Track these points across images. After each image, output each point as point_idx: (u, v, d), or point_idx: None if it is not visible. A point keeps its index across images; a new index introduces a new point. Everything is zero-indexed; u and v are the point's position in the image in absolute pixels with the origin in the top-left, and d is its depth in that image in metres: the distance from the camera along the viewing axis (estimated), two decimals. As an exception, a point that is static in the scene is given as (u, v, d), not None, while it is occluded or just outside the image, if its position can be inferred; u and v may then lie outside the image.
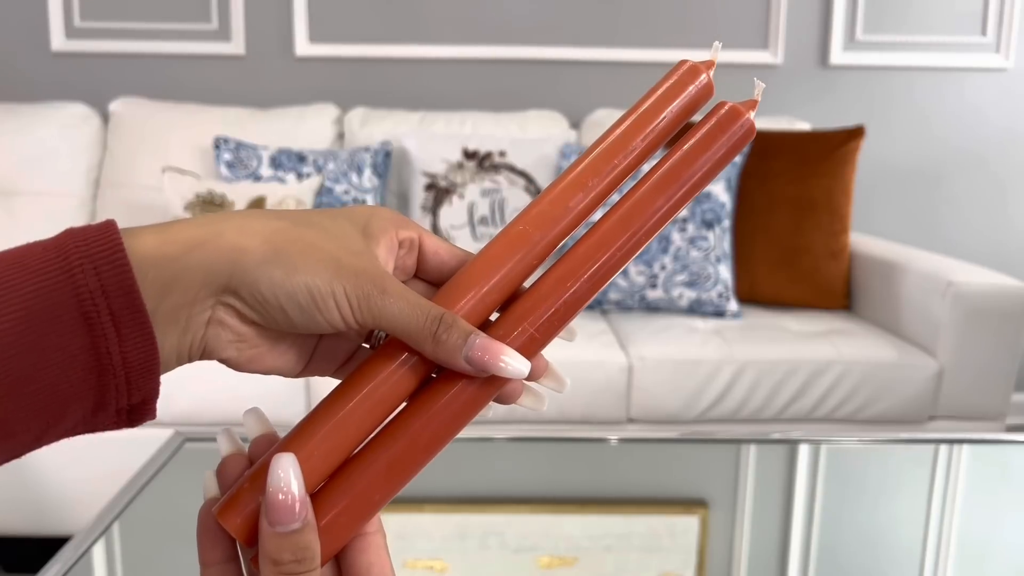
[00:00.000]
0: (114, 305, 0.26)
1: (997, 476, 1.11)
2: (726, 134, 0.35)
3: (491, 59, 2.22)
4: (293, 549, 0.27)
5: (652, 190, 0.33)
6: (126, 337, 0.26)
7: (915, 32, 2.23)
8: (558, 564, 0.86)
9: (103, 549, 0.83)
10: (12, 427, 0.26)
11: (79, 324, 0.26)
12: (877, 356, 1.61)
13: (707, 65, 0.36)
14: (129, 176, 2.00)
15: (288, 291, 0.28)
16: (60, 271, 0.26)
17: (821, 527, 0.94)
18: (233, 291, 0.28)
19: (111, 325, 0.26)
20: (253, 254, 0.28)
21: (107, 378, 0.27)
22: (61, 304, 0.26)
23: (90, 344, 0.26)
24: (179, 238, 0.28)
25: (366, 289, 0.29)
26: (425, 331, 0.29)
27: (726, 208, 1.79)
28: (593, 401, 1.57)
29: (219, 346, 0.29)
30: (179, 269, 0.27)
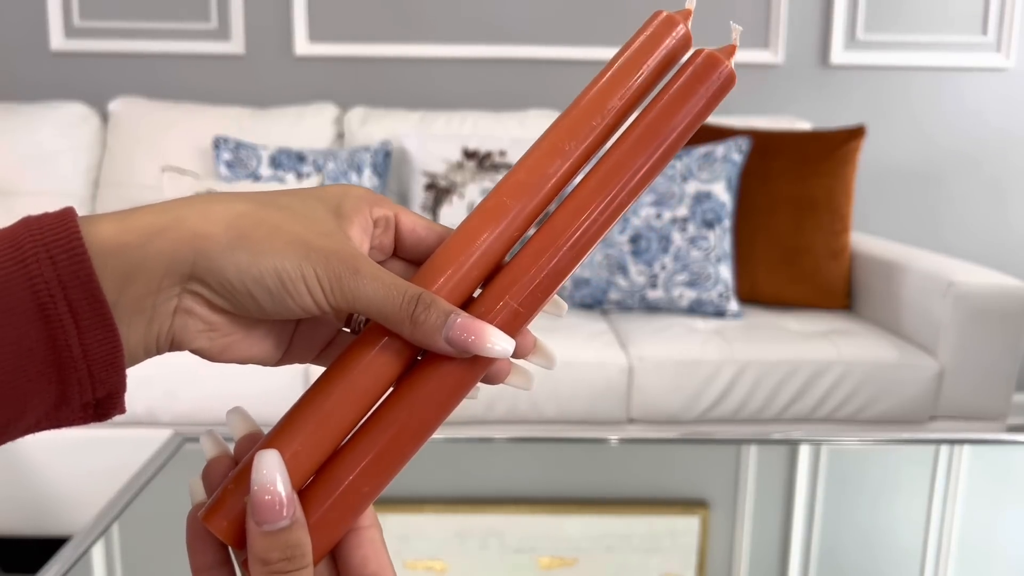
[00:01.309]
0: (72, 296, 0.25)
1: (998, 476, 1.11)
2: (704, 84, 0.32)
3: (491, 59, 2.22)
4: (282, 548, 0.26)
5: (630, 149, 0.31)
6: (86, 329, 0.25)
7: (916, 32, 2.23)
8: (558, 564, 0.86)
9: (103, 549, 0.83)
10: None
11: (35, 316, 0.25)
12: (878, 356, 1.61)
13: (684, 15, 0.34)
14: (128, 176, 2.00)
15: (255, 276, 0.27)
16: (13, 261, 0.25)
17: (822, 527, 0.94)
18: (199, 279, 0.27)
19: (69, 317, 0.25)
20: (217, 240, 0.27)
21: (68, 372, 0.25)
22: (14, 296, 0.24)
23: (47, 336, 0.25)
24: (139, 225, 0.27)
25: (337, 270, 0.28)
26: (402, 312, 0.28)
27: (726, 208, 1.79)
28: (593, 401, 1.57)
29: (188, 336, 0.28)
30: (140, 258, 0.26)
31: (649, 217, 1.78)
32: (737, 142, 1.81)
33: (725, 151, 1.80)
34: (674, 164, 1.81)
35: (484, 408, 1.56)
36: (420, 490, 0.96)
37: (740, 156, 1.81)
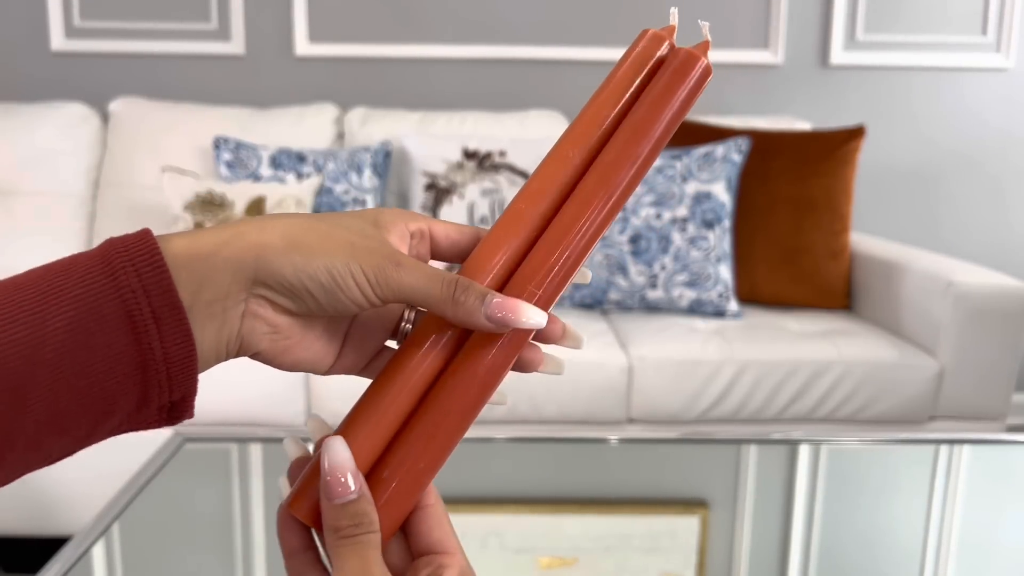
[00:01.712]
0: (154, 303, 0.28)
1: (998, 476, 1.11)
2: (684, 80, 0.36)
3: (491, 59, 2.22)
4: (350, 516, 0.30)
5: (624, 145, 0.35)
6: (166, 333, 0.28)
7: (915, 32, 2.23)
8: (558, 564, 0.86)
9: (103, 549, 0.83)
10: (66, 423, 0.28)
11: (124, 322, 0.28)
12: (878, 356, 1.61)
13: (669, 31, 0.38)
14: (129, 176, 2.00)
15: (309, 274, 0.30)
16: (104, 275, 0.28)
17: (821, 527, 0.94)
18: (261, 282, 0.30)
19: (152, 322, 0.28)
20: (274, 246, 0.30)
21: (150, 374, 0.28)
22: (107, 304, 0.28)
23: (134, 340, 0.28)
24: (206, 240, 0.30)
25: (381, 264, 0.31)
26: (444, 295, 0.32)
27: (726, 208, 1.79)
28: (593, 401, 1.57)
29: (255, 339, 0.32)
30: (209, 267, 0.30)
31: (649, 217, 1.78)
32: (737, 142, 1.82)
33: (725, 151, 1.80)
34: (674, 164, 1.81)
35: (485, 408, 1.55)
36: (420, 490, 0.96)
37: (740, 156, 1.81)
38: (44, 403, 0.27)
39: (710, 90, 2.27)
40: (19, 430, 0.27)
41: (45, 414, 0.27)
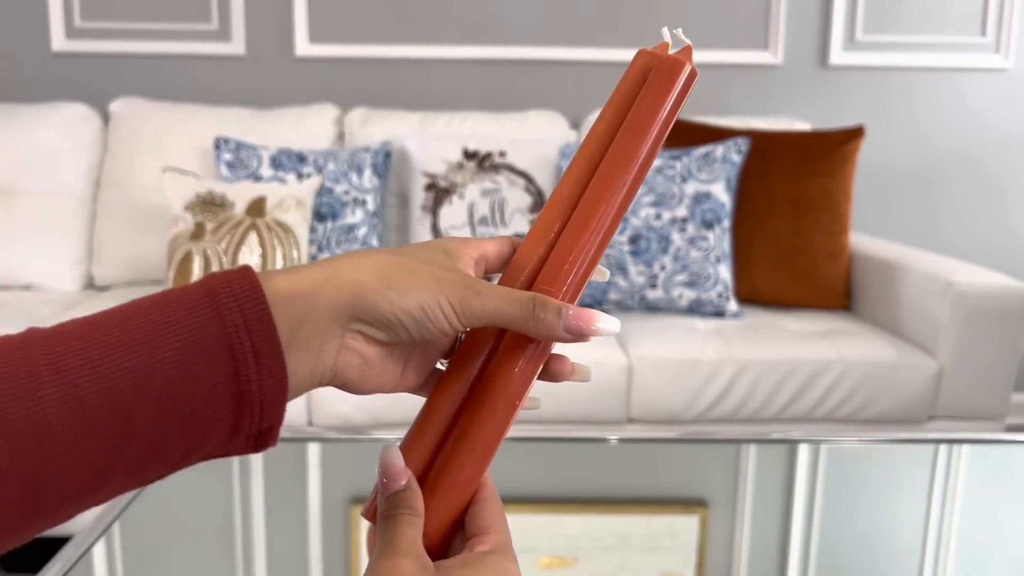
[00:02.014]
0: (255, 338, 0.30)
1: (997, 476, 1.11)
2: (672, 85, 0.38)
3: (491, 59, 2.22)
4: (394, 501, 0.34)
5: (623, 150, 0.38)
6: (263, 366, 0.30)
7: (915, 32, 2.23)
8: (558, 564, 0.86)
9: (103, 549, 0.83)
10: (165, 447, 0.29)
11: (225, 354, 0.30)
12: (877, 356, 1.61)
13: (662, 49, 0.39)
14: (129, 176, 2.00)
15: (403, 309, 0.33)
16: (209, 309, 0.30)
17: (821, 527, 0.94)
18: (358, 318, 0.33)
19: (252, 355, 0.30)
20: (370, 286, 0.33)
21: (245, 404, 0.30)
22: (211, 337, 0.30)
23: (234, 372, 0.30)
24: (305, 279, 0.33)
25: (464, 295, 0.34)
26: (525, 314, 0.35)
27: (726, 208, 1.79)
28: (593, 401, 1.57)
29: (348, 371, 0.34)
30: (309, 305, 0.32)
31: (649, 217, 1.78)
32: (736, 143, 1.82)
33: (724, 151, 1.81)
34: (674, 165, 1.81)
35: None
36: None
37: (739, 157, 1.82)
38: (148, 428, 0.29)
39: (710, 90, 2.27)
40: (123, 453, 0.28)
41: (148, 439, 0.29)
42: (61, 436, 0.27)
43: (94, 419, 0.28)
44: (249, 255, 1.70)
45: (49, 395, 0.27)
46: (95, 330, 0.29)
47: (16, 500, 0.27)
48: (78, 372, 0.28)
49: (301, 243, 1.74)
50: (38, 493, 0.27)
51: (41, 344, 0.28)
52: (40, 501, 0.28)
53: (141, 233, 1.97)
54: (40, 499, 0.27)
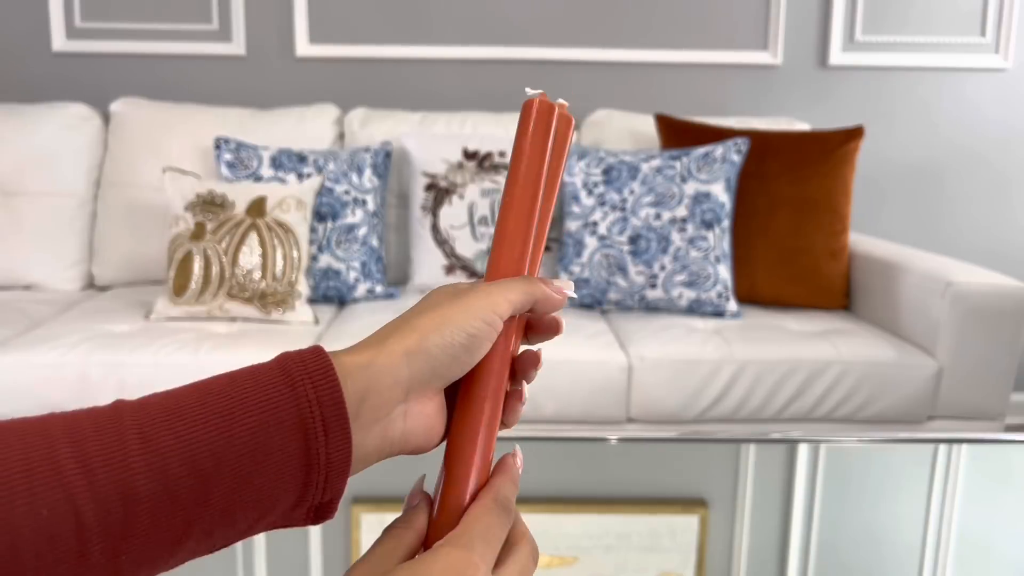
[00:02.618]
0: (326, 413, 0.32)
1: (996, 476, 1.11)
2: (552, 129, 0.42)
3: (491, 59, 2.22)
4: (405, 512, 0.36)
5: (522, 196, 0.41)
6: (332, 440, 0.32)
7: (914, 33, 2.23)
8: (558, 564, 0.86)
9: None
10: (236, 516, 0.31)
11: (297, 429, 0.32)
12: (876, 356, 1.61)
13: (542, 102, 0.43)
14: (130, 176, 2.01)
15: (450, 342, 0.35)
16: (285, 384, 0.32)
17: (820, 526, 0.94)
18: (415, 376, 0.35)
19: (322, 430, 0.32)
20: (415, 341, 0.35)
21: (312, 476, 0.32)
22: (285, 411, 0.32)
23: (304, 445, 0.32)
24: (364, 351, 0.35)
25: (486, 293, 0.37)
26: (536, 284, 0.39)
27: (725, 208, 1.80)
28: (593, 401, 1.57)
29: (417, 435, 0.36)
30: (370, 375, 0.34)
31: (648, 217, 1.78)
32: (736, 143, 1.82)
33: (724, 152, 1.81)
34: (673, 165, 1.81)
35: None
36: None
37: (739, 157, 1.82)
38: (224, 496, 0.30)
39: (710, 91, 2.27)
40: (199, 520, 0.30)
41: (222, 507, 0.31)
42: (145, 502, 0.29)
43: (176, 486, 0.29)
44: (249, 255, 1.70)
45: (136, 463, 0.29)
46: (179, 403, 0.31)
47: (100, 563, 0.28)
48: (163, 442, 0.30)
49: (301, 243, 1.75)
50: (119, 556, 0.29)
51: (130, 414, 0.30)
52: (120, 565, 0.29)
53: (141, 233, 1.97)
54: (120, 563, 0.29)
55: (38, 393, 1.50)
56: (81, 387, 1.50)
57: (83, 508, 0.28)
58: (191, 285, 1.69)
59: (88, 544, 0.28)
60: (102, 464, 0.28)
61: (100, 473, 0.28)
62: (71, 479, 0.28)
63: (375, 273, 1.87)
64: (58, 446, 0.28)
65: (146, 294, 1.88)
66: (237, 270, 1.69)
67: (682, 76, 2.25)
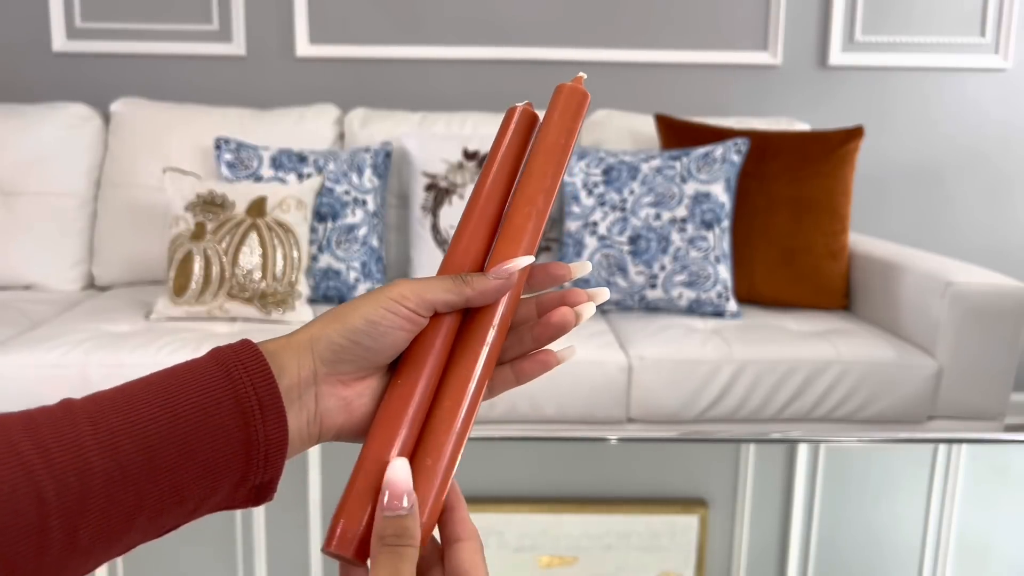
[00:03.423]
0: (261, 395, 0.35)
1: (996, 476, 1.12)
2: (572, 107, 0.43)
3: (491, 59, 2.22)
4: (396, 528, 0.35)
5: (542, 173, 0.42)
6: (268, 418, 0.35)
7: (914, 33, 2.23)
8: (558, 564, 0.87)
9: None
10: (183, 495, 0.33)
11: (236, 409, 0.34)
12: (876, 356, 1.61)
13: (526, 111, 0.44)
14: (130, 176, 2.01)
15: (350, 328, 0.37)
16: (222, 373, 0.35)
17: (820, 526, 0.94)
18: (320, 359, 0.37)
19: (259, 410, 0.35)
20: (318, 327, 0.37)
21: (252, 454, 0.35)
22: (223, 395, 0.34)
23: (243, 424, 0.34)
24: (279, 339, 0.37)
25: (403, 284, 0.38)
26: (459, 283, 0.39)
27: (725, 208, 1.80)
28: (593, 401, 1.58)
29: (332, 416, 0.38)
30: (282, 358, 0.36)
31: (648, 217, 1.78)
32: (736, 143, 1.82)
33: (724, 152, 1.81)
34: (673, 165, 1.81)
35: (484, 407, 1.56)
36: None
37: (739, 157, 1.82)
38: (170, 471, 0.33)
39: (710, 91, 2.27)
40: (149, 495, 0.32)
41: (169, 482, 0.33)
42: (99, 476, 0.31)
43: (127, 461, 0.32)
44: (249, 255, 1.70)
45: (88, 442, 0.31)
46: (123, 392, 0.33)
47: (59, 540, 0.30)
48: (112, 422, 0.32)
49: (301, 243, 1.75)
50: (78, 531, 0.31)
51: (80, 405, 0.33)
52: (79, 540, 0.31)
53: (142, 233, 1.98)
54: (79, 537, 0.31)
55: (38, 393, 1.50)
56: (81, 387, 1.50)
57: (42, 483, 0.30)
58: (191, 285, 1.69)
59: (48, 519, 0.30)
60: (57, 445, 0.31)
61: (56, 453, 0.30)
62: (30, 459, 0.30)
63: (375, 273, 1.87)
64: (14, 433, 0.30)
65: (146, 294, 1.88)
66: (237, 270, 1.69)
67: (682, 76, 2.25)
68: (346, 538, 0.35)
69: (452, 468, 0.38)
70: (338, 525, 0.36)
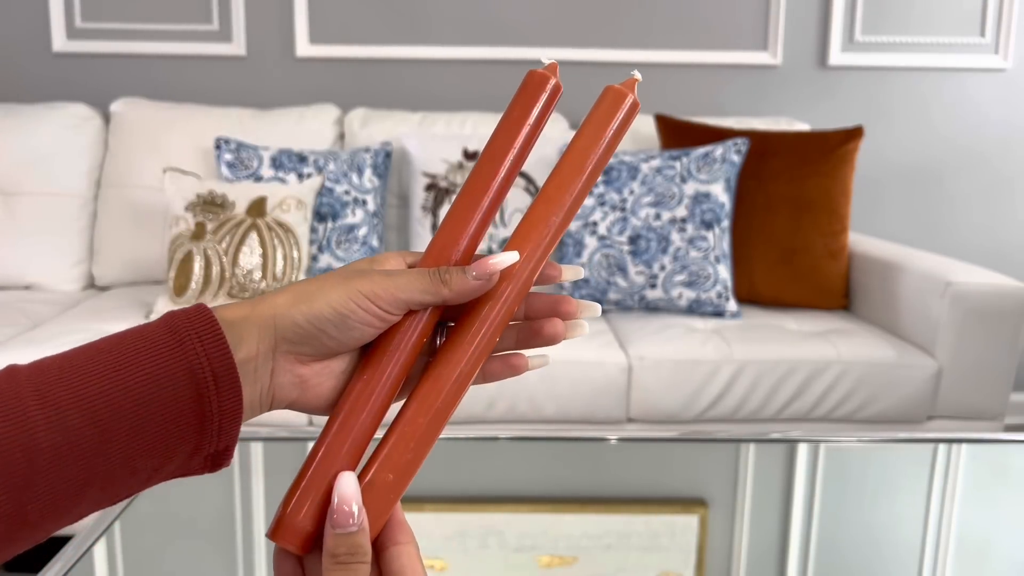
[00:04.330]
0: (214, 365, 0.33)
1: (995, 475, 1.12)
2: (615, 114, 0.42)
3: (491, 59, 2.23)
4: (349, 546, 0.34)
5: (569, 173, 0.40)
6: (222, 390, 0.33)
7: (913, 33, 2.23)
8: (558, 563, 0.87)
9: (104, 548, 0.83)
10: (136, 464, 0.32)
11: (189, 381, 0.33)
12: (876, 356, 1.61)
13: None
14: (130, 176, 2.01)
15: (316, 314, 0.35)
16: (175, 341, 0.33)
17: (820, 526, 0.94)
18: (282, 337, 0.36)
19: (212, 381, 0.33)
20: (284, 304, 0.36)
21: (206, 424, 0.33)
22: (176, 364, 0.33)
23: (196, 395, 0.33)
24: (240, 307, 0.36)
25: (375, 281, 0.36)
26: (435, 283, 0.37)
27: (725, 208, 1.80)
28: (593, 401, 1.58)
29: (284, 391, 0.37)
30: (240, 330, 0.35)
31: (648, 217, 1.78)
32: (736, 143, 1.82)
33: (724, 152, 1.81)
34: (673, 165, 1.81)
35: (484, 407, 1.56)
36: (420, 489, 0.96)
37: (738, 157, 1.82)
38: (122, 445, 0.32)
39: (709, 91, 2.27)
40: (99, 469, 0.32)
41: (120, 455, 0.32)
42: (46, 452, 0.30)
43: (75, 437, 0.31)
44: (249, 255, 1.70)
45: (35, 416, 0.30)
46: (72, 363, 0.32)
47: (7, 512, 0.30)
48: (60, 396, 0.31)
49: (301, 243, 1.75)
50: (25, 506, 0.30)
51: (25, 376, 0.32)
52: (27, 514, 0.30)
53: (142, 233, 1.98)
54: (27, 512, 0.30)
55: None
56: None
57: None
58: (191, 285, 1.69)
59: None
60: (2, 419, 0.30)
61: (1, 427, 0.30)
62: None
63: (375, 273, 1.87)
64: None
65: (146, 294, 1.88)
66: (237, 270, 1.69)
67: (682, 76, 2.25)
68: (289, 529, 0.35)
69: (410, 481, 0.37)
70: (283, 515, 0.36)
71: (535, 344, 0.41)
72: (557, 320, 0.40)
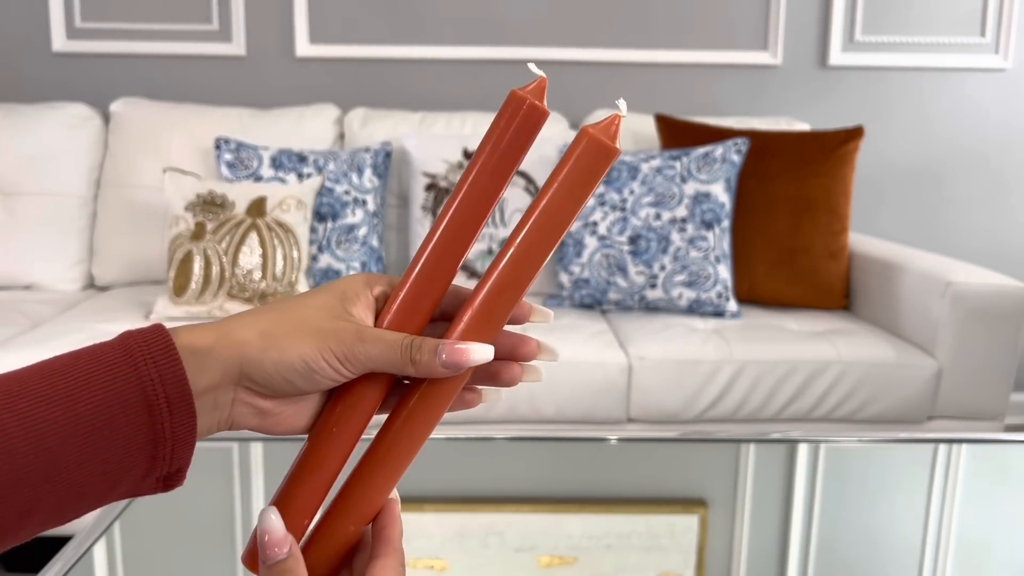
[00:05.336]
0: (169, 391, 0.33)
1: (996, 476, 1.12)
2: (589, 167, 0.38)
3: (491, 59, 2.22)
4: (277, 574, 0.35)
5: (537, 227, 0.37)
6: (176, 415, 0.33)
7: (914, 33, 2.23)
8: (558, 563, 0.87)
9: (104, 549, 0.83)
10: (85, 490, 0.32)
11: (142, 405, 0.32)
12: (876, 356, 1.61)
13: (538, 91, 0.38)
14: (130, 176, 2.01)
15: (286, 365, 0.35)
16: (128, 364, 0.33)
17: (820, 526, 0.94)
18: (247, 376, 0.35)
19: (166, 406, 0.33)
20: (253, 345, 0.35)
21: (159, 449, 0.33)
22: (129, 391, 0.32)
23: (149, 422, 0.33)
24: (204, 336, 0.35)
25: (347, 343, 0.36)
26: (404, 359, 0.36)
27: (725, 208, 1.80)
28: (593, 401, 1.58)
29: (243, 420, 0.37)
30: (204, 361, 0.34)
31: (648, 217, 1.78)
32: (736, 143, 1.82)
33: (724, 152, 1.81)
34: (673, 165, 1.81)
35: (484, 408, 1.56)
36: (420, 489, 0.96)
37: (739, 157, 1.82)
38: (70, 474, 0.31)
39: (709, 91, 2.26)
40: (47, 496, 0.31)
41: (69, 484, 0.31)
42: None
43: (22, 465, 0.30)
44: (249, 255, 1.70)
45: None
46: (22, 385, 0.31)
47: None
48: (6, 421, 0.30)
49: (301, 243, 1.75)
50: None
51: None
52: None
53: (141, 233, 1.97)
54: None
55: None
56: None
57: None
58: (191, 285, 1.69)
59: None
60: None
61: None
62: None
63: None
64: None
65: (146, 294, 1.88)
66: (237, 270, 1.69)
67: (682, 76, 2.25)
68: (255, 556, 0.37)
69: (366, 526, 0.39)
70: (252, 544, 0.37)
71: (491, 385, 0.40)
72: (515, 364, 0.40)
